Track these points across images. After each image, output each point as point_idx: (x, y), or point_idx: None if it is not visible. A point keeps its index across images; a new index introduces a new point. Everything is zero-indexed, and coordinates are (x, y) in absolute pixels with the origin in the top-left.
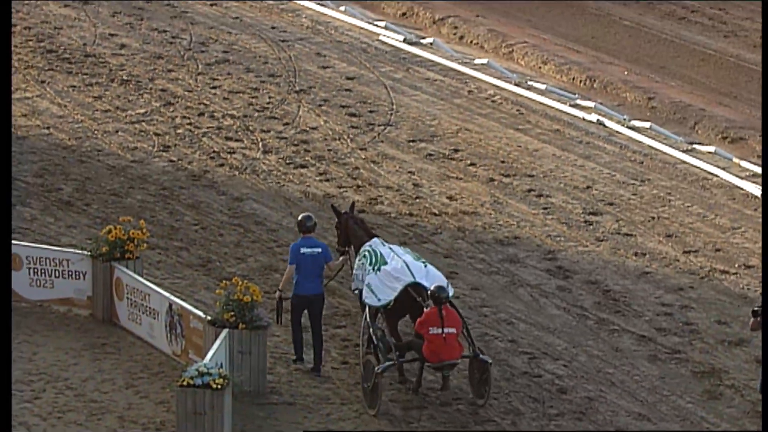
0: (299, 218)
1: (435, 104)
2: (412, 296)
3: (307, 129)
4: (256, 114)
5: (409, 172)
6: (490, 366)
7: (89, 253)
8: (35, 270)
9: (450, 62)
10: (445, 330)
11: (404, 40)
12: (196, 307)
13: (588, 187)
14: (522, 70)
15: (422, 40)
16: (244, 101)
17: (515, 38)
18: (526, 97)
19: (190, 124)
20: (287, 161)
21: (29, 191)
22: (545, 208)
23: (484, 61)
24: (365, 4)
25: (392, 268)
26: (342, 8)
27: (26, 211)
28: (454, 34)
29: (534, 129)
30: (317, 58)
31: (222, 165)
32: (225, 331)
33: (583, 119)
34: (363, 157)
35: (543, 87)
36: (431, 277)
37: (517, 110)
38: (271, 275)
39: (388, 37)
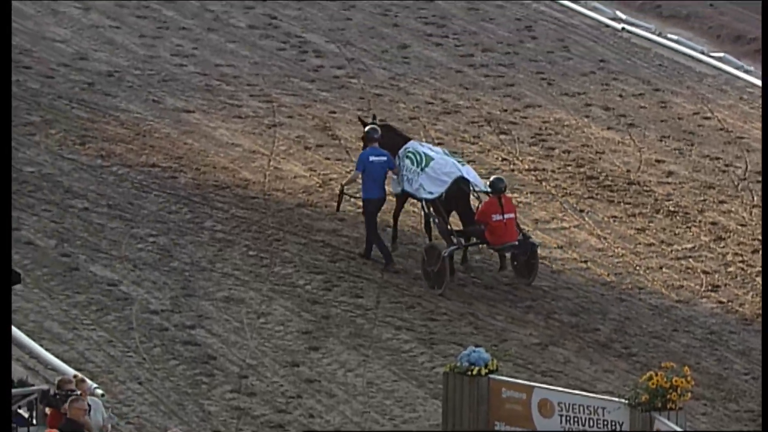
0: (366, 129)
1: None
2: (460, 189)
3: None
4: None
5: None
6: (537, 248)
7: (627, 401)
8: (567, 418)
9: None
10: (505, 216)
11: None
12: None
13: None
14: None
15: None
16: None
17: None
18: None
19: (742, 261)
20: None
21: (563, 330)
22: None
23: None
24: None
25: (440, 164)
26: None
27: (559, 352)
28: None
29: None
30: None
31: None
32: None
33: None
34: None
35: None
36: (472, 174)
37: None
38: None
39: None
